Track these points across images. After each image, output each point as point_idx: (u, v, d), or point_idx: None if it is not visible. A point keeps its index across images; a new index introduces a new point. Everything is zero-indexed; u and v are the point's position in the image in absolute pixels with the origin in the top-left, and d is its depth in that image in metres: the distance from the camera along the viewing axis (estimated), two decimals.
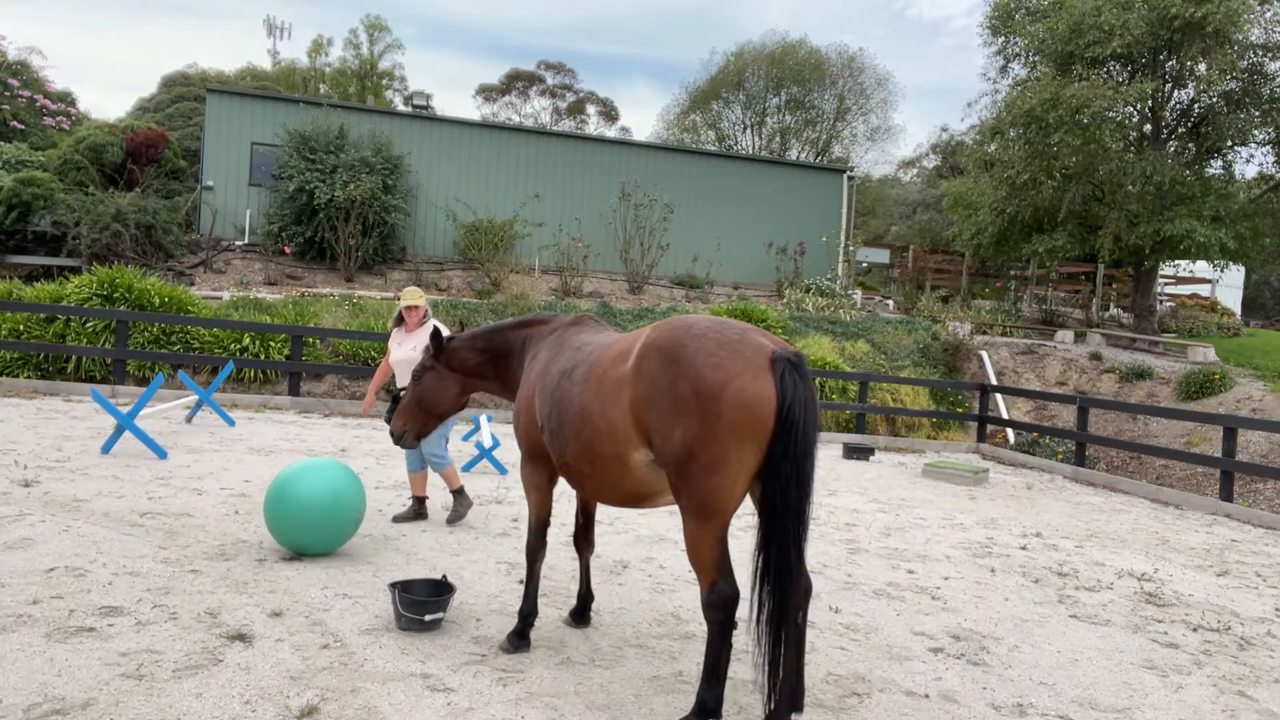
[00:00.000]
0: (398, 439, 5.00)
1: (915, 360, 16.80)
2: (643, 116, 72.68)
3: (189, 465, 7.72)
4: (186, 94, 28.73)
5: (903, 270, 25.00)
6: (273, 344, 12.86)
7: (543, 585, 5.21)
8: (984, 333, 19.28)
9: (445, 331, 5.15)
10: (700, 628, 4.61)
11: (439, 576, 4.71)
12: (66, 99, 23.34)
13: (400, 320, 6.66)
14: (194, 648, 3.85)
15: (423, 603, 4.27)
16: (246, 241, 19.24)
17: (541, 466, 4.23)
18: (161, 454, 7.93)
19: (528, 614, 4.23)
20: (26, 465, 7.09)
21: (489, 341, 4.77)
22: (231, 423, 10.20)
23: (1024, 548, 7.41)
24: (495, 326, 4.85)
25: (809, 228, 22.55)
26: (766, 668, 3.28)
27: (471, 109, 47.66)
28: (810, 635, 4.71)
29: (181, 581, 4.70)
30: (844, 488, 9.60)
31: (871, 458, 12.16)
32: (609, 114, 47.18)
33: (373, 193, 18.16)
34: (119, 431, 7.98)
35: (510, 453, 9.79)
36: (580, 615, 4.62)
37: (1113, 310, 24.26)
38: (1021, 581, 6.29)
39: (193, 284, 16.31)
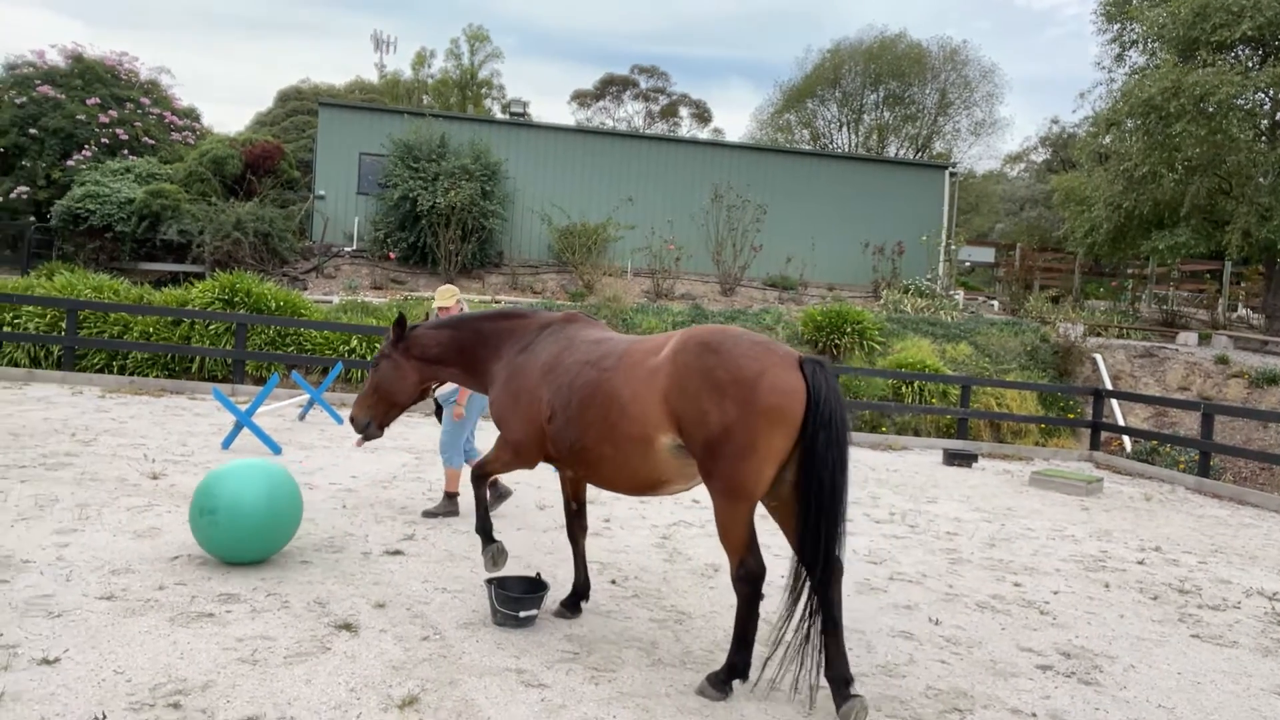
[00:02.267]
0: (361, 429, 4.98)
1: (1022, 363, 16.09)
2: (736, 117, 72.39)
3: (301, 461, 8.11)
4: (300, 108, 30.22)
5: (1009, 269, 23.99)
6: (378, 345, 13.39)
7: (631, 585, 5.23)
8: (1098, 334, 18.28)
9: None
10: (791, 633, 4.54)
11: (533, 574, 4.80)
12: (192, 115, 24.91)
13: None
14: (304, 635, 4.04)
15: (518, 599, 4.35)
16: (354, 247, 20.10)
17: (527, 457, 4.39)
18: (276, 449, 8.36)
19: (484, 529, 4.59)
20: (155, 459, 7.60)
21: (456, 330, 4.84)
22: (340, 421, 10.67)
23: (1141, 562, 6.99)
24: (465, 316, 4.96)
25: (908, 227, 21.91)
26: (820, 638, 3.64)
27: (566, 115, 48.40)
28: (908, 646, 4.57)
29: (293, 571, 4.94)
30: (944, 495, 9.28)
31: (974, 464, 11.72)
32: (702, 116, 47.13)
33: (472, 199, 18.68)
34: (238, 428, 8.46)
35: None
36: (574, 606, 4.63)
37: (1241, 311, 22.62)
38: (1138, 598, 5.93)
39: (305, 288, 17.16)
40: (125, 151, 20.34)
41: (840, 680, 3.61)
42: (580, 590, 4.68)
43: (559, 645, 4.20)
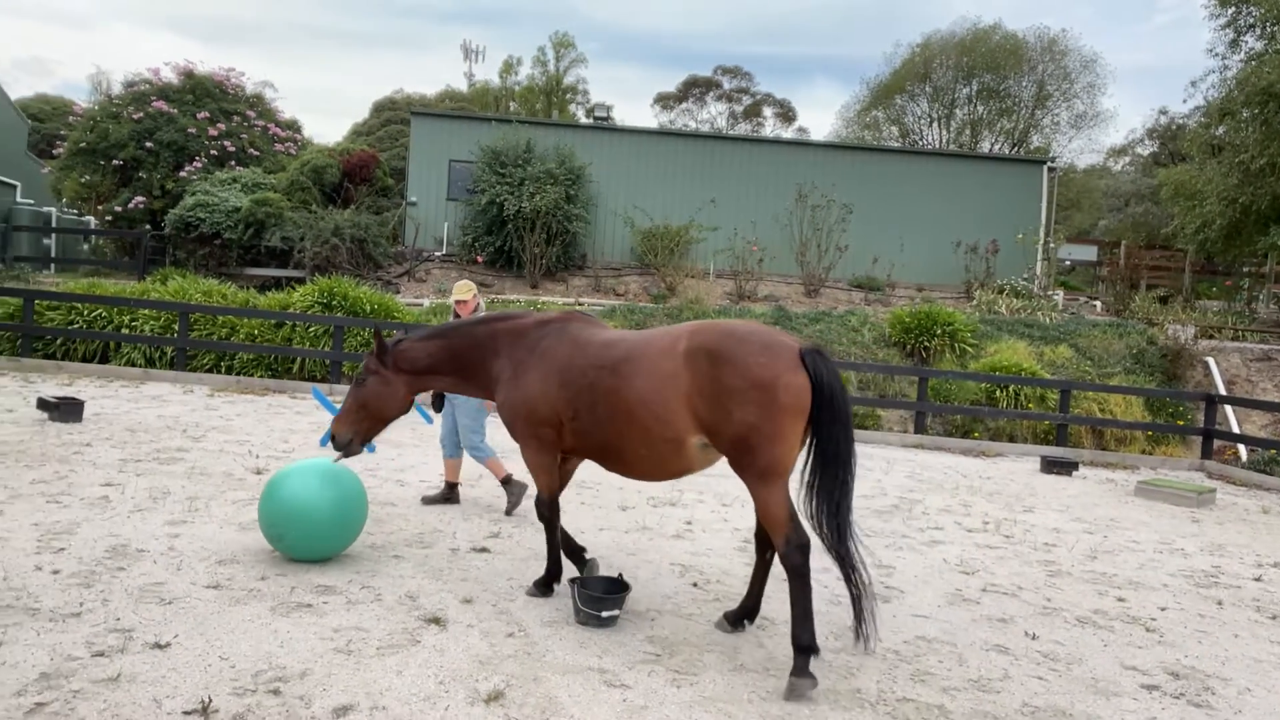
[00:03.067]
0: (342, 447, 4.97)
1: (1127, 367, 15.30)
2: (821, 116, 71.19)
3: (393, 459, 8.38)
4: (394, 117, 31.27)
5: (1113, 268, 22.86)
6: None
7: (714, 589, 5.21)
8: (1210, 337, 17.21)
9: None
10: (878, 643, 4.44)
11: (615, 574, 4.82)
12: (294, 126, 26.08)
13: (455, 316, 6.71)
14: (395, 628, 4.16)
15: (600, 599, 4.39)
16: (444, 252, 20.66)
17: (550, 450, 4.63)
18: (370, 448, 8.65)
19: (554, 573, 4.84)
20: (259, 455, 7.97)
21: (447, 339, 4.94)
22: (429, 420, 10.95)
23: (1259, 579, 6.54)
24: (452, 325, 5.08)
25: (1003, 224, 21.13)
26: (800, 606, 3.96)
27: (649, 118, 48.60)
28: (1003, 661, 4.40)
29: (386, 565, 5.10)
30: (1042, 504, 8.90)
31: (1074, 473, 11.19)
32: (786, 115, 46.61)
33: (556, 203, 18.96)
34: None
35: None
36: (547, 586, 4.85)
37: None
38: (1255, 617, 5.55)
39: (398, 292, 17.73)
40: (232, 162, 21.45)
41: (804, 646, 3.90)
42: (575, 562, 5.05)
43: (641, 646, 4.21)
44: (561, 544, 4.93)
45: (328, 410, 8.75)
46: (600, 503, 7.21)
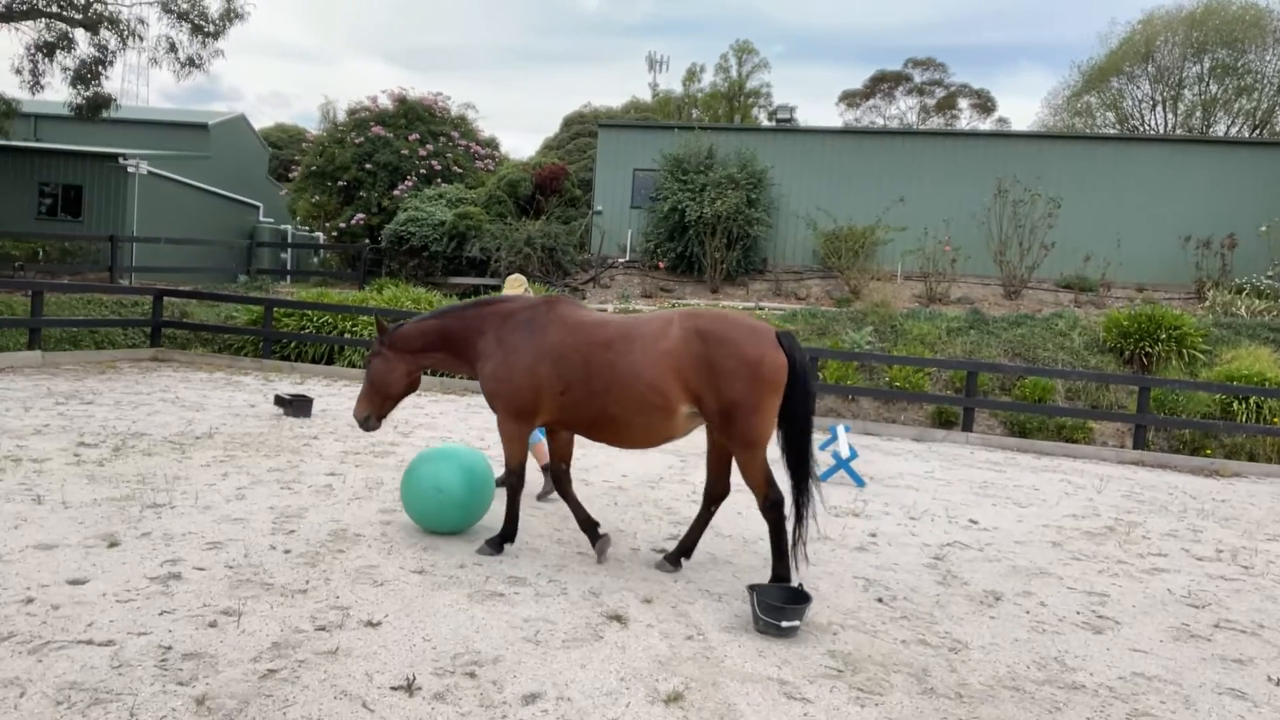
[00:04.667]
0: (362, 424, 5.58)
1: None
2: (1025, 105, 66.62)
3: (579, 458, 8.68)
4: (582, 130, 32.55)
5: None
6: None
7: (900, 606, 4.97)
8: None
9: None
10: (1089, 677, 4.06)
11: (795, 584, 4.73)
12: (492, 144, 27.80)
13: None
14: (579, 622, 4.31)
15: (781, 609, 4.31)
16: (627, 258, 21.22)
17: (525, 422, 5.13)
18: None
19: (509, 536, 5.32)
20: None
21: (441, 322, 5.47)
22: None
23: None
24: (446, 309, 5.56)
25: (1241, 216, 18.77)
26: (779, 551, 4.78)
27: (834, 117, 47.45)
28: (1239, 707, 3.89)
29: (571, 561, 5.30)
30: None
31: None
32: (984, 106, 43.95)
33: (737, 207, 18.95)
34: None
35: (869, 465, 9.53)
36: (498, 546, 5.31)
37: None
38: None
39: (584, 297, 18.41)
40: (439, 180, 23.18)
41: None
42: (590, 528, 5.38)
43: (822, 660, 4.09)
44: (576, 515, 5.40)
45: None
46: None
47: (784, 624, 4.29)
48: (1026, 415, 12.85)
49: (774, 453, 4.76)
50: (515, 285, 7.33)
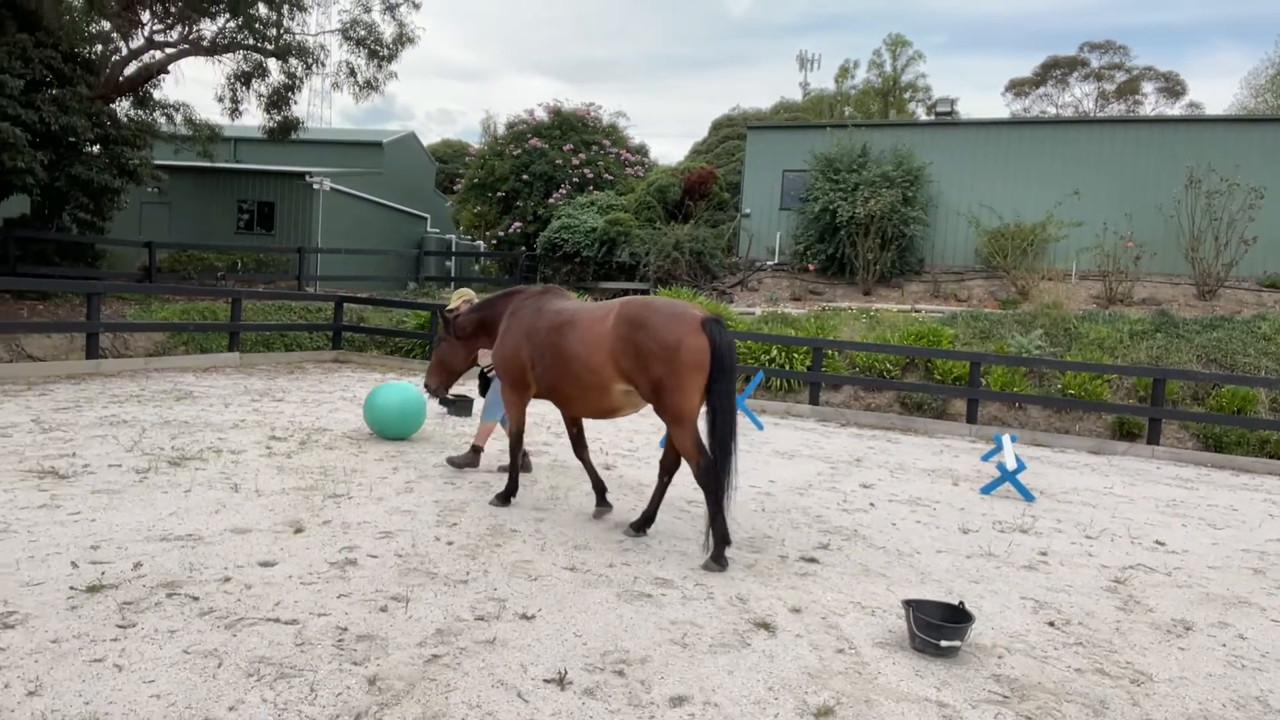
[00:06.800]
0: (432, 392, 6.94)
1: None
2: (1220, 86, 60.35)
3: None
4: (730, 134, 32.48)
5: None
6: (796, 355, 13.76)
7: (1074, 631, 4.61)
8: None
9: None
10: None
11: (955, 602, 4.48)
12: (642, 151, 28.25)
13: None
14: (726, 627, 4.27)
15: (939, 627, 4.10)
16: (775, 261, 20.96)
17: (521, 391, 6.05)
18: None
19: (511, 490, 6.29)
20: (608, 452, 8.71)
21: (482, 312, 6.59)
22: (760, 427, 11.17)
23: None
24: (487, 300, 6.64)
25: None
26: (714, 511, 5.15)
27: (1000, 108, 44.91)
28: None
29: None
30: None
31: None
32: (1172, 89, 40.31)
33: (892, 206, 18.29)
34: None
35: (1038, 478, 8.94)
36: (505, 499, 6.26)
37: None
38: None
39: (731, 301, 18.34)
40: (590, 187, 23.80)
41: (722, 538, 5.20)
42: (599, 490, 6.21)
43: (985, 684, 3.86)
44: (590, 475, 6.24)
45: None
46: (938, 523, 6.77)
47: (943, 643, 4.08)
48: (1224, 428, 11.66)
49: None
50: (460, 296, 7.67)
